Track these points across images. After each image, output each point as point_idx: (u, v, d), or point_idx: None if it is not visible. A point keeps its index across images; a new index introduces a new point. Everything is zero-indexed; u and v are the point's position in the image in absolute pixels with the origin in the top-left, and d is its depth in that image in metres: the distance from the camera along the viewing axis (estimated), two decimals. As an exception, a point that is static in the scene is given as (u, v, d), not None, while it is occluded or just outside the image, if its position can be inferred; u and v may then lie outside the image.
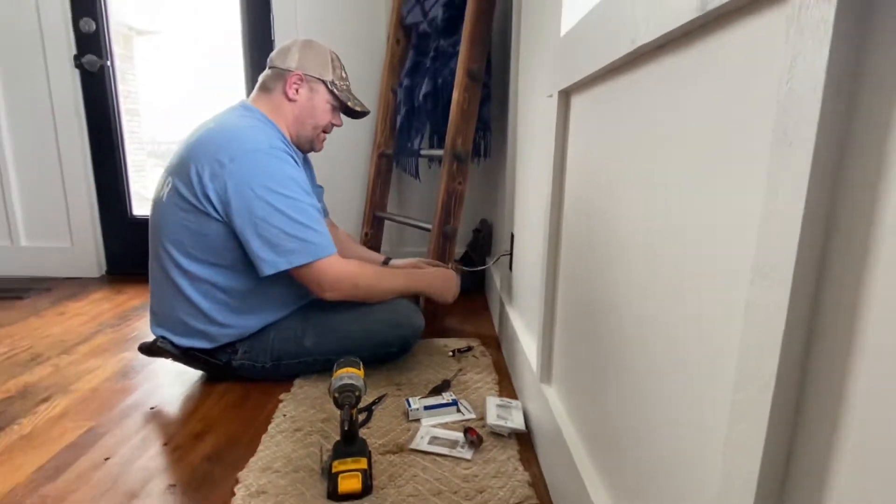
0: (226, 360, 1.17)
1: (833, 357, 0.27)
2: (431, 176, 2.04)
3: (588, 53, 0.64)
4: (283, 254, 1.06)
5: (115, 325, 1.59)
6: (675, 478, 0.43)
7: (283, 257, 1.06)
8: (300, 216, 1.07)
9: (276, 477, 0.83)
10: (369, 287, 1.17)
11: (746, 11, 0.34)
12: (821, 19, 0.25)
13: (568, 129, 0.81)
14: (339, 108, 1.27)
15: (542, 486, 0.82)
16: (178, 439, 0.96)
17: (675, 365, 0.43)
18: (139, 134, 2.88)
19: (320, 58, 1.21)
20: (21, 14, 1.93)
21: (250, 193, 1.04)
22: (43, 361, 1.31)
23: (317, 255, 1.08)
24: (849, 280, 0.26)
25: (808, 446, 0.29)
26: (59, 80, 1.98)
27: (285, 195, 1.06)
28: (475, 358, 1.32)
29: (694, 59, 0.41)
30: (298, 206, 1.07)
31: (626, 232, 0.55)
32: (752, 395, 0.30)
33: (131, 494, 0.80)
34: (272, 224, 1.04)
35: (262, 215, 1.04)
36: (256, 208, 1.04)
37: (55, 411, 1.06)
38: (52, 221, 2.11)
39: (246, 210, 1.04)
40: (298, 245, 1.06)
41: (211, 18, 3.17)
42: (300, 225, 1.07)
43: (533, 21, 1.13)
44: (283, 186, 1.07)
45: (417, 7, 1.73)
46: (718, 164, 0.37)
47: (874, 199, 0.24)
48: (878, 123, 0.24)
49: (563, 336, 0.83)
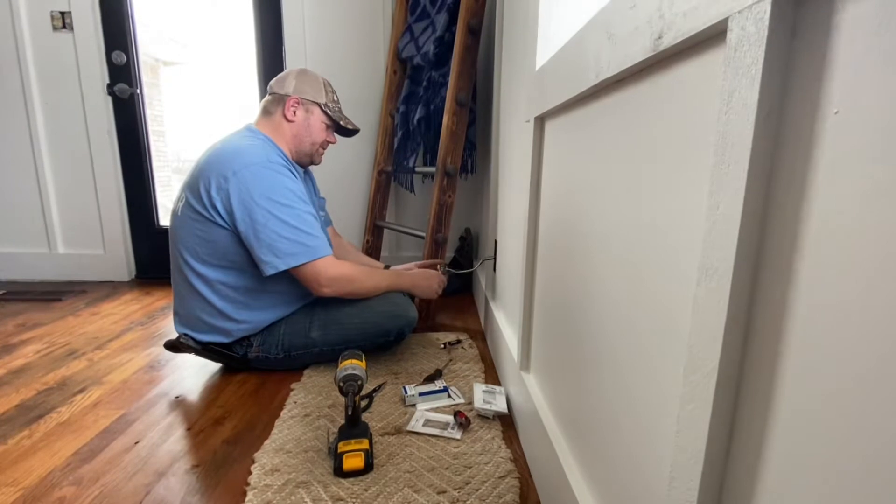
0: (242, 353, 1.16)
1: (767, 345, 0.28)
2: (425, 190, 2.05)
3: (559, 85, 0.65)
4: (282, 256, 1.05)
5: (144, 323, 1.57)
6: (634, 451, 0.44)
7: (281, 259, 1.05)
8: (296, 222, 1.06)
9: (288, 457, 0.83)
10: (360, 283, 1.16)
11: (691, 52, 0.35)
12: (752, 61, 0.26)
13: (543, 150, 0.82)
14: (332, 127, 1.27)
15: (523, 462, 0.83)
16: (200, 424, 0.95)
17: (635, 354, 0.44)
18: (165, 153, 2.86)
19: (314, 83, 1.22)
20: (61, 49, 1.92)
21: (251, 202, 1.04)
22: (79, 356, 1.29)
23: (313, 255, 1.07)
24: (778, 279, 0.27)
25: (747, 422, 0.29)
26: (94, 107, 1.96)
27: (282, 203, 1.06)
28: (464, 350, 1.32)
29: (649, 90, 0.42)
30: (294, 212, 1.07)
31: (592, 237, 0.56)
32: (700, 380, 0.31)
33: (159, 474, 0.80)
34: (271, 229, 1.04)
35: (262, 221, 1.04)
36: (257, 215, 1.04)
37: (90, 400, 1.04)
38: (86, 231, 2.09)
39: (248, 217, 1.04)
40: (296, 248, 1.06)
41: (228, 50, 3.17)
42: (296, 230, 1.06)
43: (512, 56, 1.14)
44: (281, 195, 1.06)
45: (412, 43, 1.74)
46: (670, 177, 0.38)
47: (798, 209, 0.26)
48: (801, 146, 0.25)
49: (540, 329, 0.83)
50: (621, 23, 0.43)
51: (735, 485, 0.30)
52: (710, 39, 0.33)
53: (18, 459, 0.83)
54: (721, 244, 0.29)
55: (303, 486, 0.75)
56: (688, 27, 0.33)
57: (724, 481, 0.31)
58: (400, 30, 1.83)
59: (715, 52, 0.32)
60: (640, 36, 0.39)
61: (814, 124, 0.24)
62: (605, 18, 0.47)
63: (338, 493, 0.74)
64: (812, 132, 0.25)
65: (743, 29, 0.27)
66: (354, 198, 2.07)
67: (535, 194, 0.84)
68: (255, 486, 0.75)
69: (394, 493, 0.74)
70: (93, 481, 0.77)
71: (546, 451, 0.70)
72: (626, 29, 0.42)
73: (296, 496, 0.73)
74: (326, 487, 0.75)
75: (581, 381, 0.60)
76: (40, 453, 0.85)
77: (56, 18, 1.89)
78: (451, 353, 1.29)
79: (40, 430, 0.92)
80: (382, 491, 0.74)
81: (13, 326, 1.51)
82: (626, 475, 0.46)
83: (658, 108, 0.40)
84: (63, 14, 1.88)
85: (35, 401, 1.04)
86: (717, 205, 0.29)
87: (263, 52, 1.98)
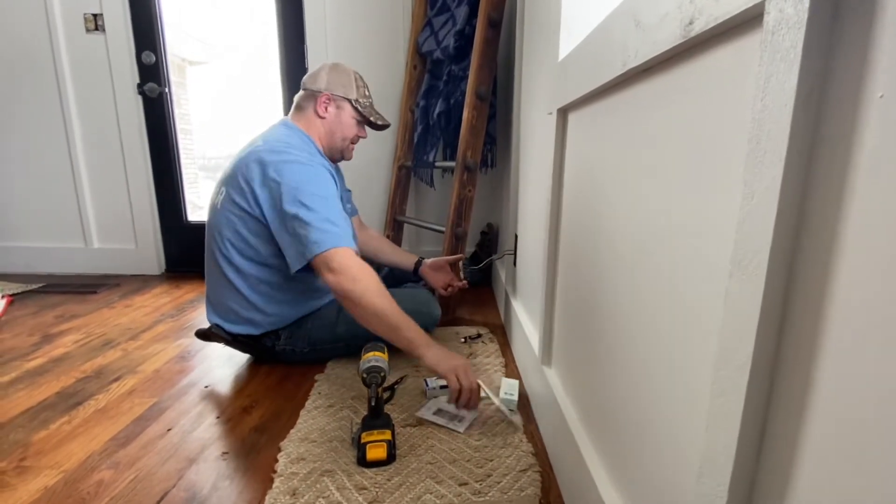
0: (270, 345, 1.19)
1: (802, 340, 0.27)
2: (444, 184, 2.04)
3: (583, 75, 0.64)
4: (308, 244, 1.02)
5: (174, 315, 1.62)
6: (659, 446, 0.43)
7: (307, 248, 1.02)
8: (325, 211, 1.05)
9: (312, 446, 0.84)
10: (365, 289, 1.00)
11: (724, 38, 0.34)
12: (791, 45, 0.25)
13: (565, 142, 0.81)
14: (363, 122, 1.27)
15: (545, 456, 0.82)
16: (229, 413, 0.98)
17: (660, 347, 0.43)
18: (192, 150, 2.92)
19: (345, 79, 1.22)
20: (93, 51, 1.98)
21: (290, 197, 1.03)
22: (114, 346, 1.34)
23: (333, 243, 1.02)
24: (816, 272, 0.26)
25: (781, 417, 0.29)
26: (125, 106, 2.02)
27: (317, 194, 1.05)
28: (484, 344, 1.32)
29: (678, 78, 0.41)
30: (325, 203, 1.05)
31: (617, 231, 0.55)
32: (731, 374, 0.30)
33: (190, 460, 0.82)
34: (300, 218, 1.02)
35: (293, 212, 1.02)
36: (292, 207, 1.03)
37: (125, 388, 1.08)
38: (119, 226, 2.16)
39: (284, 211, 1.04)
40: (318, 235, 1.02)
41: (252, 49, 3.21)
42: (324, 219, 1.04)
43: (534, 48, 1.13)
44: (318, 187, 1.06)
45: (432, 37, 1.74)
46: (700, 169, 0.37)
47: (839, 200, 0.24)
48: (841, 134, 0.24)
49: (561, 323, 0.83)
50: (649, 9, 0.42)
51: (767, 480, 0.30)
52: (744, 24, 0.31)
53: (59, 444, 0.87)
54: (756, 236, 0.28)
55: (327, 475, 0.76)
56: (721, 11, 0.31)
57: (755, 477, 0.31)
58: (420, 24, 1.83)
59: (749, 36, 0.31)
60: (669, 22, 0.38)
61: (857, 109, 0.23)
62: (633, 5, 0.46)
63: (361, 482, 0.75)
64: (855, 118, 0.23)
65: (781, 11, 0.26)
66: (375, 193, 2.08)
67: (558, 187, 0.83)
68: (282, 473, 0.77)
69: (416, 483, 0.75)
70: (128, 466, 0.81)
71: (568, 445, 0.69)
72: (654, 15, 0.41)
73: (321, 484, 0.74)
74: (350, 476, 0.76)
75: (604, 376, 0.59)
76: (80, 438, 0.89)
77: (89, 20, 1.95)
78: (471, 347, 1.29)
79: (79, 417, 0.96)
80: (405, 481, 0.75)
81: (53, 318, 1.58)
82: (650, 469, 0.45)
83: (688, 97, 0.39)
84: (95, 16, 1.94)
85: (74, 388, 1.08)
86: (751, 195, 0.28)
87: (286, 49, 2.00)
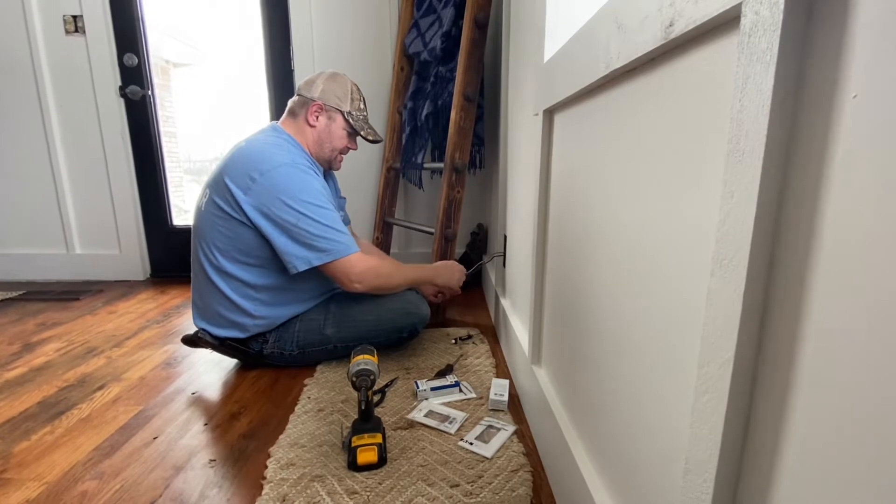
0: (257, 349, 1.18)
1: (783, 336, 0.27)
2: (433, 186, 2.04)
3: (568, 77, 0.65)
4: (315, 251, 1.07)
5: (160, 321, 1.59)
6: (647, 444, 0.43)
7: (314, 254, 1.07)
8: (327, 220, 1.08)
9: (302, 451, 0.84)
10: (388, 277, 1.17)
11: (703, 40, 0.34)
12: (767, 46, 0.25)
13: (552, 143, 0.81)
14: (354, 135, 1.27)
15: (536, 456, 0.83)
16: (217, 420, 0.97)
17: (648, 346, 0.44)
18: (177, 154, 2.89)
19: (341, 90, 1.22)
20: (74, 52, 1.94)
21: (280, 203, 1.05)
22: (98, 354, 1.31)
23: (344, 252, 1.09)
24: (795, 269, 0.26)
25: (764, 414, 0.29)
26: (107, 109, 1.99)
27: (311, 202, 1.07)
28: (474, 344, 1.32)
29: (660, 80, 0.42)
30: (322, 211, 1.08)
31: (603, 229, 0.56)
32: (714, 371, 0.31)
33: (177, 468, 0.81)
34: (302, 228, 1.06)
35: (293, 221, 1.05)
36: (287, 215, 1.05)
37: (109, 397, 1.06)
38: (102, 231, 2.12)
39: (277, 217, 1.05)
40: (327, 244, 1.08)
41: (237, 51, 3.18)
42: (326, 227, 1.08)
43: (520, 49, 1.14)
44: (309, 195, 1.08)
45: (419, 39, 1.74)
46: (682, 169, 0.38)
47: (815, 198, 0.25)
48: (817, 133, 0.25)
49: (550, 323, 0.83)
50: (631, 12, 0.43)
51: (752, 476, 0.30)
52: (722, 26, 0.32)
53: (42, 455, 0.85)
54: (736, 234, 0.28)
55: (318, 480, 0.76)
56: (700, 14, 0.32)
57: (740, 473, 0.31)
58: (406, 26, 1.83)
59: (728, 38, 0.32)
60: (650, 24, 0.39)
61: (831, 110, 0.24)
62: (615, 8, 0.46)
63: (352, 486, 0.74)
64: (829, 118, 0.24)
65: (757, 13, 0.26)
66: (364, 195, 2.07)
67: (545, 188, 0.84)
68: (272, 479, 0.76)
69: (407, 486, 0.74)
70: (114, 475, 0.79)
71: (558, 445, 0.69)
72: (636, 18, 0.42)
73: (311, 489, 0.74)
74: (341, 481, 0.75)
75: (592, 374, 0.60)
76: (62, 448, 0.87)
77: (69, 22, 1.91)
78: (462, 349, 1.29)
79: (62, 426, 0.94)
80: (396, 484, 0.75)
81: (34, 325, 1.54)
82: (639, 467, 0.46)
83: (669, 98, 0.40)
84: (75, 18, 1.91)
85: (56, 397, 1.06)
86: (731, 194, 0.29)
87: (271, 51, 1.99)
